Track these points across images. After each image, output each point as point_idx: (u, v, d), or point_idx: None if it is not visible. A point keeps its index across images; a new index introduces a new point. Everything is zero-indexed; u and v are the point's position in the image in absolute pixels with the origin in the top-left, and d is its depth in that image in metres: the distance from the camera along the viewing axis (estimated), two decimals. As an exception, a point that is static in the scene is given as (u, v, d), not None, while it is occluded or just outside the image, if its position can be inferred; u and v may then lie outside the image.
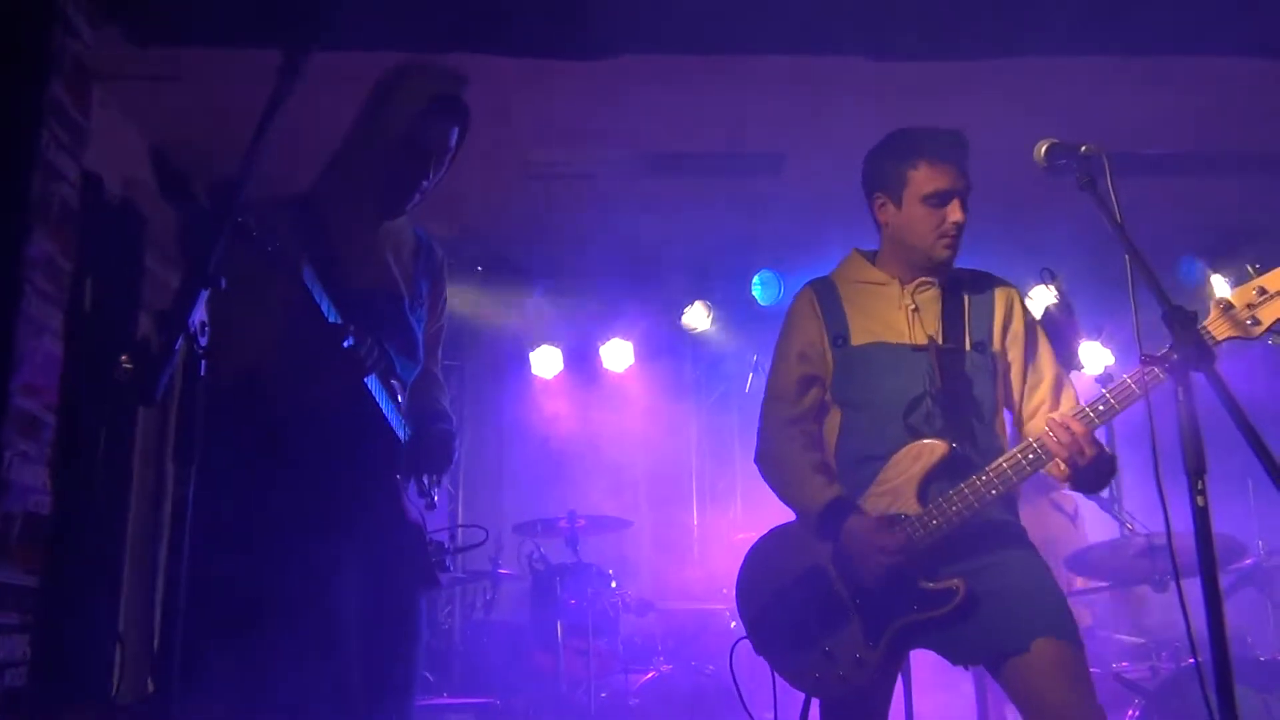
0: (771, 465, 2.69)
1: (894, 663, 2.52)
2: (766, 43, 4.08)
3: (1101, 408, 2.34)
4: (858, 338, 2.63)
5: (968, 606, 2.39)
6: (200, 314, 1.66)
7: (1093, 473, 2.40)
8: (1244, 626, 4.27)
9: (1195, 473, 1.82)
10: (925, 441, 2.50)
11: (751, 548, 2.70)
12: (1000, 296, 2.68)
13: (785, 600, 2.56)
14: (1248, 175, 5.64)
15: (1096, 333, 5.89)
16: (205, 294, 1.67)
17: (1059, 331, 3.61)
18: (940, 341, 2.59)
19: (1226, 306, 2.26)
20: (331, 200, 2.42)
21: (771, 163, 5.52)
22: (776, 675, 2.58)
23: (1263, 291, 2.24)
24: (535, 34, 4.17)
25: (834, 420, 2.65)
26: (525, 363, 6.66)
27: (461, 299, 6.26)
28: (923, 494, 2.46)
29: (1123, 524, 4.19)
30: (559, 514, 5.23)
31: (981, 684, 3.38)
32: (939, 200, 2.57)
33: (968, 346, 2.59)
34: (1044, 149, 2.31)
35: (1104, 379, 6.19)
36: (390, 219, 2.50)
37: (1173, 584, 2.95)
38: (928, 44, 3.95)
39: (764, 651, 2.59)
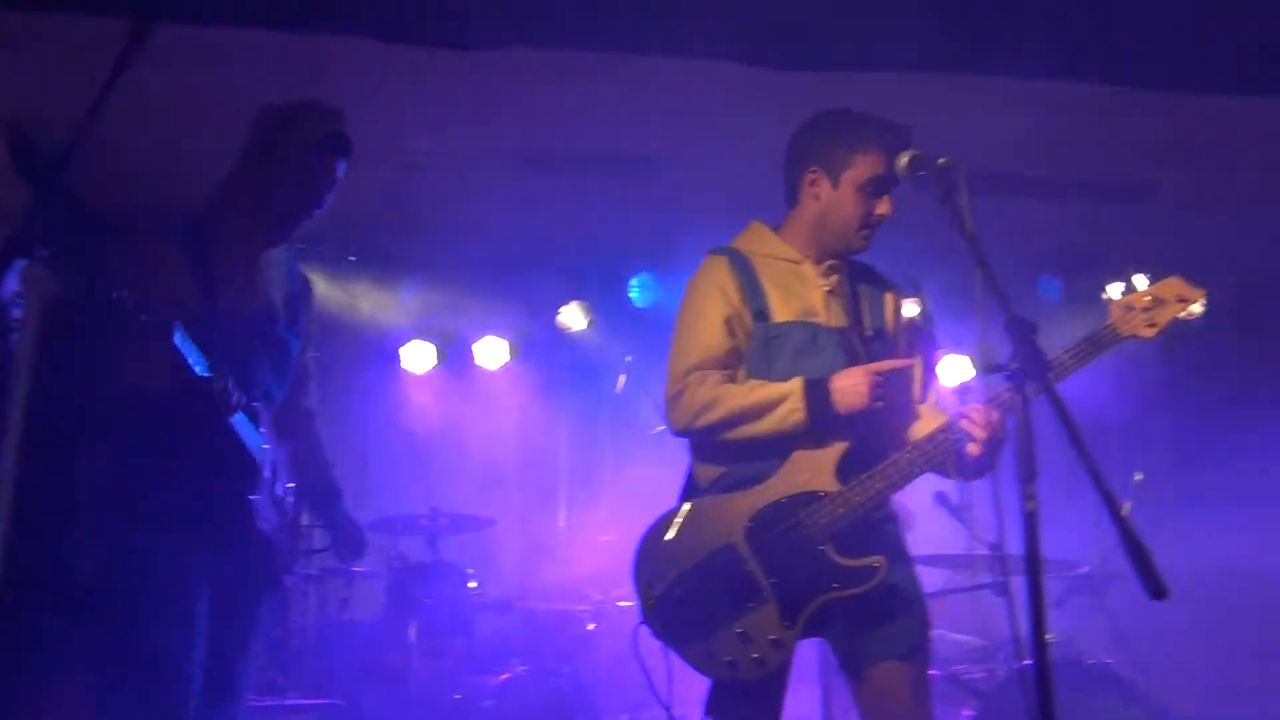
0: (713, 409, 2.51)
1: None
2: (645, 44, 4.09)
3: (1006, 398, 2.41)
4: (779, 314, 2.58)
5: (880, 600, 2.42)
6: (11, 284, 1.61)
7: (994, 457, 2.46)
8: (1076, 632, 4.45)
9: (1027, 479, 1.87)
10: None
11: (651, 528, 2.56)
12: (889, 290, 2.75)
13: (692, 581, 2.46)
14: (1096, 199, 5.92)
15: (954, 346, 6.09)
16: (21, 264, 1.62)
17: (921, 341, 3.70)
18: (852, 327, 2.61)
19: (1127, 307, 2.45)
20: (221, 224, 2.61)
21: (649, 164, 5.54)
22: (676, 662, 2.49)
23: (1157, 299, 2.45)
24: (411, 22, 4.10)
25: None
26: (395, 357, 6.52)
27: (332, 289, 6.10)
28: (841, 473, 2.46)
29: (970, 530, 4.33)
30: (421, 511, 5.12)
31: (828, 693, 3.42)
32: (875, 190, 2.58)
33: (870, 333, 2.64)
34: (905, 160, 2.38)
35: (961, 391, 6.45)
36: (276, 245, 2.69)
37: (1010, 588, 3.05)
38: (795, 54, 4.02)
39: (667, 636, 2.48)
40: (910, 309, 4.33)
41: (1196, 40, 4.29)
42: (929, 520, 4.90)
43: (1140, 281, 2.53)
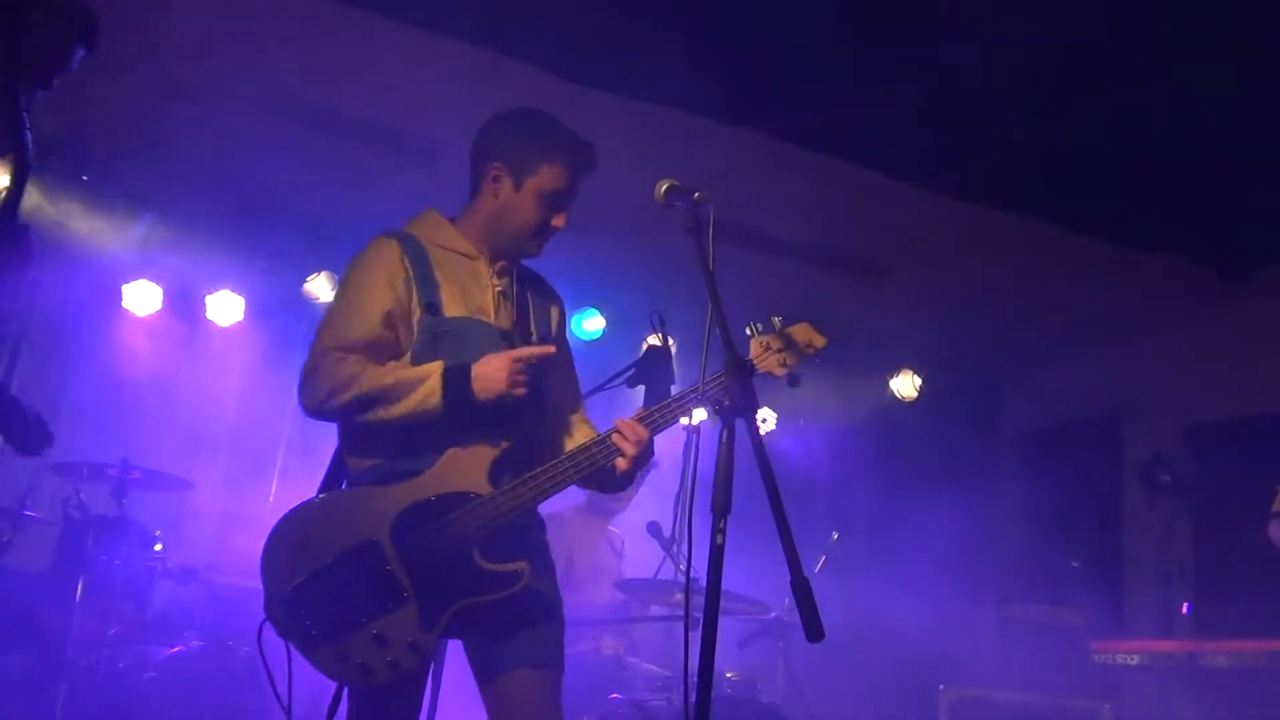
0: (346, 389, 2.38)
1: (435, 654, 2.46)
2: (439, 23, 4.01)
3: (659, 417, 2.46)
4: (451, 309, 2.50)
5: (518, 608, 2.39)
6: None
7: (637, 473, 2.52)
8: (757, 672, 4.67)
9: (720, 513, 1.93)
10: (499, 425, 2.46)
11: (286, 516, 2.40)
12: (555, 302, 2.77)
13: (328, 578, 2.32)
14: (847, 276, 6.32)
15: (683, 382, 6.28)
16: None
17: (659, 373, 3.78)
18: (519, 330, 2.59)
19: (765, 346, 2.55)
20: None
21: (428, 149, 5.41)
22: (300, 664, 2.36)
23: (789, 342, 2.57)
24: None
25: None
26: (118, 293, 6.01)
27: (58, 206, 5.55)
28: (493, 476, 2.42)
29: (676, 564, 4.45)
30: (112, 461, 4.73)
31: (436, 690, 3.38)
32: (556, 203, 2.58)
33: (535, 340, 2.62)
34: (664, 188, 2.40)
35: (688, 430, 6.67)
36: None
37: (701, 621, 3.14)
38: (589, 69, 4.07)
39: (294, 635, 2.32)
40: (655, 340, 4.41)
41: (955, 143, 4.67)
42: (637, 548, 5.03)
43: (775, 323, 2.64)
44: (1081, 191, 4.94)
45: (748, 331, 2.58)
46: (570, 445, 2.62)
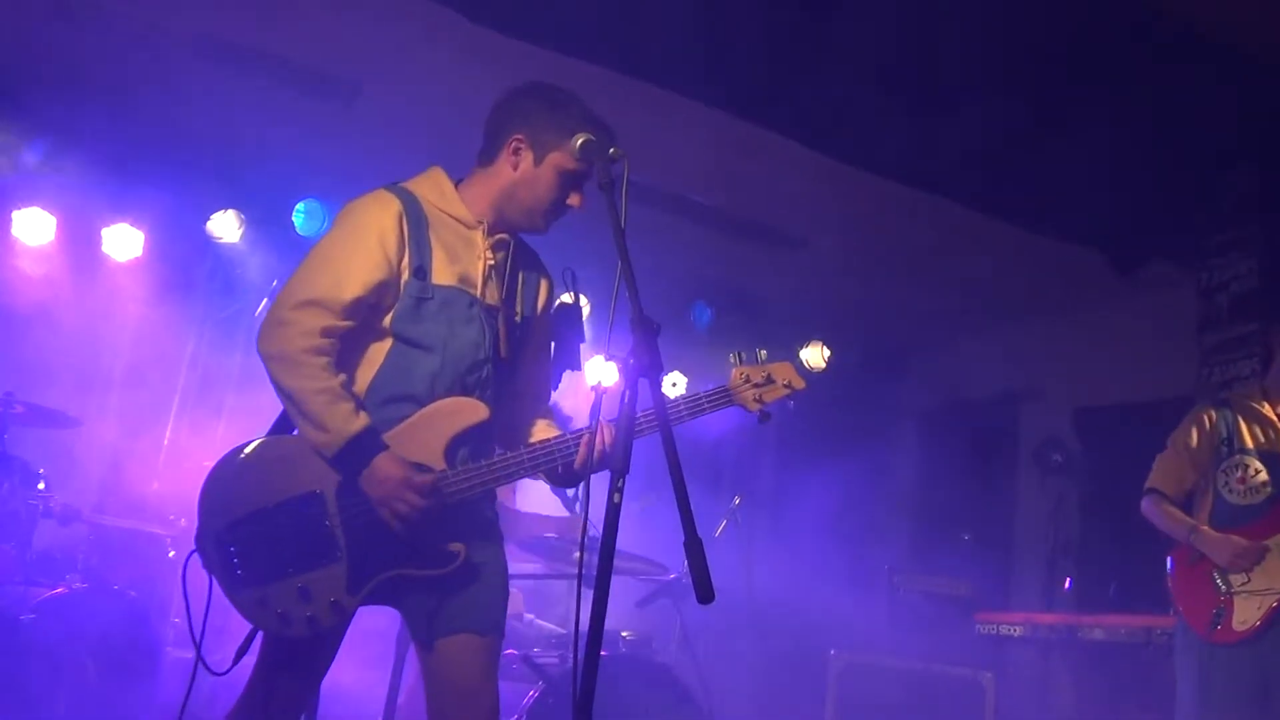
0: (292, 370, 2.31)
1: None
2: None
3: (695, 404, 2.47)
4: (440, 276, 2.43)
5: (460, 576, 2.36)
6: None
7: (586, 477, 2.48)
8: (653, 632, 4.71)
9: (619, 472, 1.92)
10: (467, 400, 2.42)
11: (232, 452, 2.36)
12: (545, 279, 2.70)
13: (264, 522, 2.29)
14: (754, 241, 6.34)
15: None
16: None
17: (568, 330, 3.75)
18: (505, 306, 2.53)
19: (745, 378, 2.55)
20: None
21: (345, 90, 5.27)
22: (224, 601, 2.30)
23: (770, 378, 2.56)
24: None
25: (379, 350, 2.41)
26: (7, 219, 5.73)
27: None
28: (449, 453, 2.37)
29: (577, 519, 4.45)
30: (-6, 394, 4.54)
31: (400, 660, 3.37)
32: (574, 181, 2.51)
33: (519, 318, 2.58)
34: (579, 141, 2.36)
35: (597, 389, 6.65)
36: None
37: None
38: (520, 22, 3.98)
39: (219, 572, 2.28)
40: (567, 298, 4.40)
41: (878, 121, 4.70)
42: (540, 500, 5.00)
43: (760, 355, 2.64)
44: (992, 174, 5.03)
45: (731, 359, 2.58)
46: (532, 433, 2.60)
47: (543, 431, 2.61)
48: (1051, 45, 4.34)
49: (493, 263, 2.52)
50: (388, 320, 2.41)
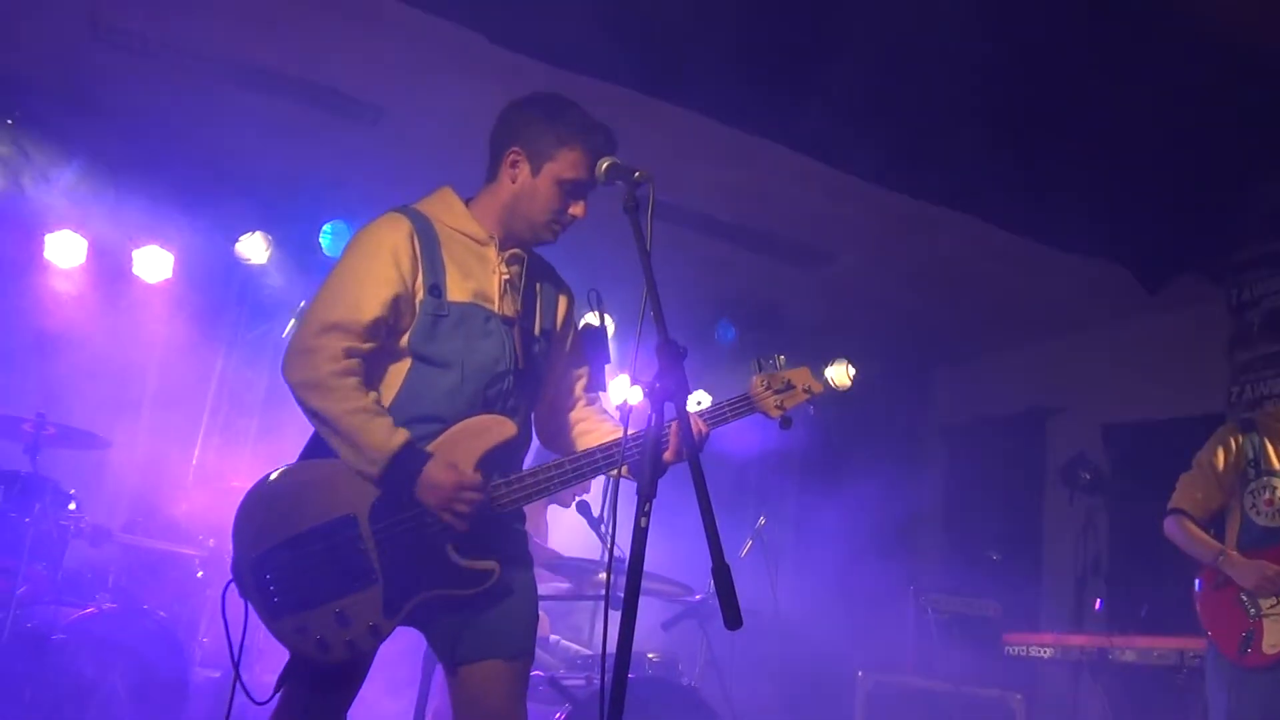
0: (324, 394, 2.30)
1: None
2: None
3: (717, 413, 2.50)
4: (455, 293, 2.43)
5: (492, 595, 2.36)
6: None
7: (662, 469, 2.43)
8: (679, 654, 4.68)
9: (645, 496, 1.92)
10: (495, 417, 2.42)
11: (265, 479, 2.35)
12: (564, 293, 2.71)
13: (298, 548, 2.28)
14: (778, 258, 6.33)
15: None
16: None
17: (593, 352, 3.75)
18: (522, 319, 2.54)
19: (766, 385, 2.56)
20: None
21: (370, 112, 5.31)
22: (260, 628, 2.31)
23: (789, 384, 2.58)
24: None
25: (399, 370, 2.42)
26: (40, 242, 5.81)
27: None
28: (482, 471, 2.36)
29: (604, 542, 4.44)
30: (26, 415, 4.58)
31: (426, 680, 3.36)
32: (574, 191, 2.52)
33: (537, 331, 2.57)
34: (605, 166, 2.36)
35: (623, 408, 6.65)
36: None
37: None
38: (536, 41, 4.00)
39: (257, 600, 2.28)
40: (592, 318, 4.40)
41: (900, 136, 4.69)
42: (569, 526, 5.00)
43: (779, 361, 2.65)
44: (1019, 191, 5.00)
45: (751, 367, 2.59)
46: (578, 437, 2.62)
47: (592, 425, 2.63)
48: (1084, 59, 4.31)
49: (508, 277, 2.52)
50: (405, 340, 2.42)
